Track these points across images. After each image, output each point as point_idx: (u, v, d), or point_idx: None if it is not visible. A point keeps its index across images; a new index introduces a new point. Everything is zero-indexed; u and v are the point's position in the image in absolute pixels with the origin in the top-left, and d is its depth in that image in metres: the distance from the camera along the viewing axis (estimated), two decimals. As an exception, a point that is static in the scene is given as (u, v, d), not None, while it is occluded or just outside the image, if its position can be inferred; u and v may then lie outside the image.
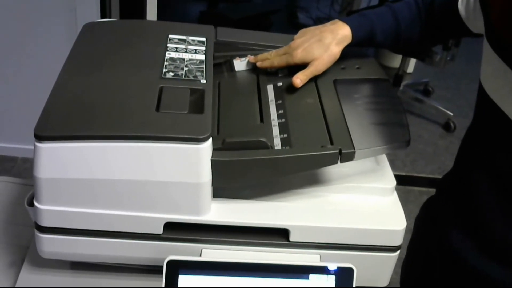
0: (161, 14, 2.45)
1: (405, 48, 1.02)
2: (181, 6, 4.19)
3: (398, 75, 3.29)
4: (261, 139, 0.83)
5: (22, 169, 2.44)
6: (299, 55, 0.96)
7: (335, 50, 0.96)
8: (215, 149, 0.79)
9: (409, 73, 3.72)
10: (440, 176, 1.07)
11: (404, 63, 3.30)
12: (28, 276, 0.90)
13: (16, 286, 0.89)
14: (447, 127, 3.22)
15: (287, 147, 0.84)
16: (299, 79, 0.95)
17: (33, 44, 2.23)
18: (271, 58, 1.00)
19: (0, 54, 2.24)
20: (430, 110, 3.32)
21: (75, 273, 0.91)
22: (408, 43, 1.02)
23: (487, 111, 0.86)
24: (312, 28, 1.00)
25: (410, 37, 1.01)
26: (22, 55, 2.25)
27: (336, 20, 0.99)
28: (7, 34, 2.20)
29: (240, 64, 1.03)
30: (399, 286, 1.17)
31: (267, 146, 0.83)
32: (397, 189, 0.93)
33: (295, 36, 1.01)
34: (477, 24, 0.91)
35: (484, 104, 0.86)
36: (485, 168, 0.88)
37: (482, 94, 0.87)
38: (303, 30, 1.01)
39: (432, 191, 1.08)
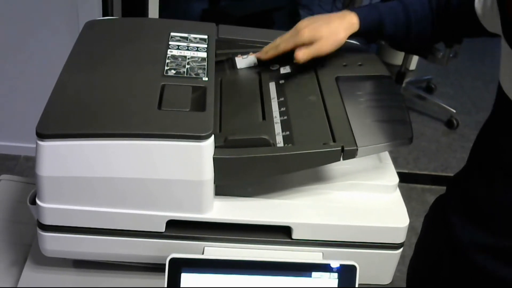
0: (163, 12, 2.45)
1: (417, 44, 1.00)
2: (183, 4, 4.19)
3: (401, 72, 3.29)
4: (263, 137, 0.83)
5: (25, 167, 2.44)
6: (306, 33, 0.93)
7: (341, 35, 0.95)
8: (217, 147, 0.79)
9: (412, 70, 3.71)
10: (443, 174, 1.07)
11: (406, 60, 3.30)
12: (30, 274, 0.90)
13: (18, 285, 0.89)
14: (450, 124, 3.21)
15: (289, 145, 0.84)
16: (301, 53, 0.92)
17: (35, 42, 2.23)
18: (276, 45, 0.97)
19: (2, 52, 2.25)
20: (432, 107, 3.32)
21: (77, 272, 0.91)
22: (419, 39, 1.01)
23: (505, 110, 0.85)
24: (319, 15, 0.98)
25: (421, 33, 0.99)
26: (24, 54, 2.25)
27: (344, 10, 0.98)
28: (9, 32, 2.20)
29: (242, 62, 1.03)
30: (401, 284, 1.16)
31: (269, 143, 0.83)
32: (399, 187, 0.93)
33: (300, 21, 0.97)
34: (493, 22, 0.88)
35: (502, 103, 0.85)
36: (500, 166, 0.88)
37: (500, 94, 0.86)
38: (309, 17, 0.98)
39: (435, 188, 1.08)
